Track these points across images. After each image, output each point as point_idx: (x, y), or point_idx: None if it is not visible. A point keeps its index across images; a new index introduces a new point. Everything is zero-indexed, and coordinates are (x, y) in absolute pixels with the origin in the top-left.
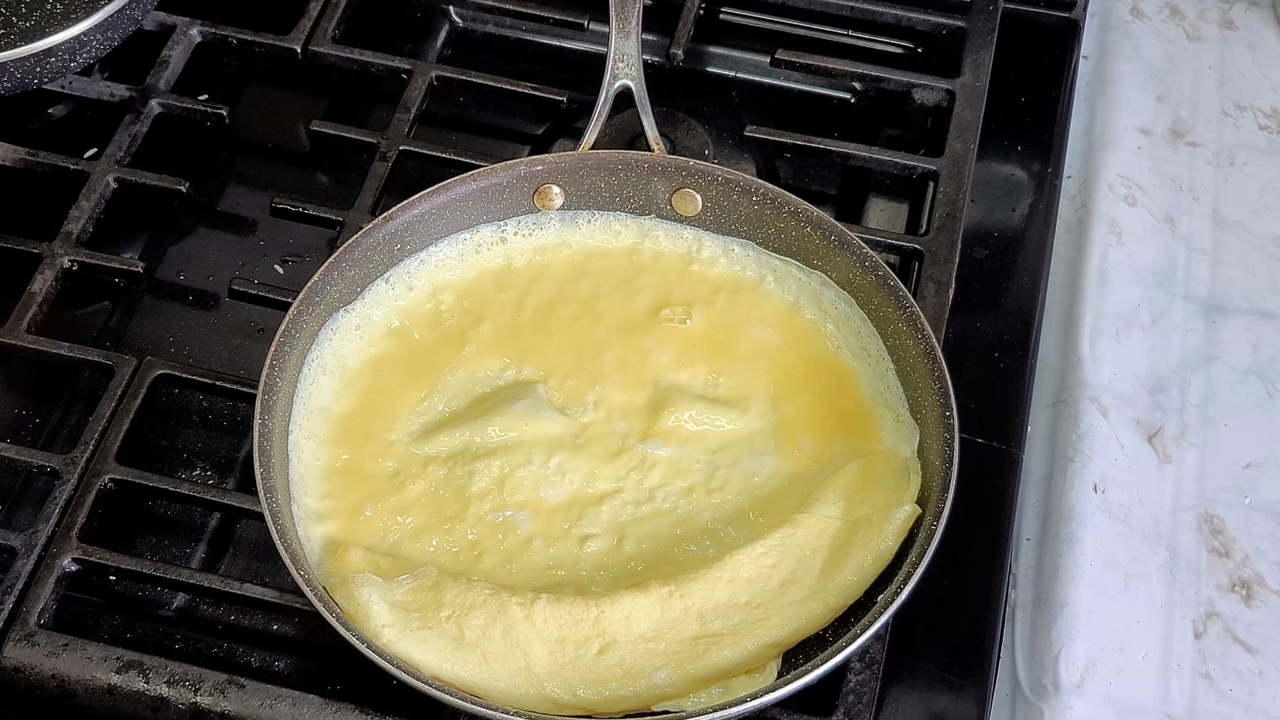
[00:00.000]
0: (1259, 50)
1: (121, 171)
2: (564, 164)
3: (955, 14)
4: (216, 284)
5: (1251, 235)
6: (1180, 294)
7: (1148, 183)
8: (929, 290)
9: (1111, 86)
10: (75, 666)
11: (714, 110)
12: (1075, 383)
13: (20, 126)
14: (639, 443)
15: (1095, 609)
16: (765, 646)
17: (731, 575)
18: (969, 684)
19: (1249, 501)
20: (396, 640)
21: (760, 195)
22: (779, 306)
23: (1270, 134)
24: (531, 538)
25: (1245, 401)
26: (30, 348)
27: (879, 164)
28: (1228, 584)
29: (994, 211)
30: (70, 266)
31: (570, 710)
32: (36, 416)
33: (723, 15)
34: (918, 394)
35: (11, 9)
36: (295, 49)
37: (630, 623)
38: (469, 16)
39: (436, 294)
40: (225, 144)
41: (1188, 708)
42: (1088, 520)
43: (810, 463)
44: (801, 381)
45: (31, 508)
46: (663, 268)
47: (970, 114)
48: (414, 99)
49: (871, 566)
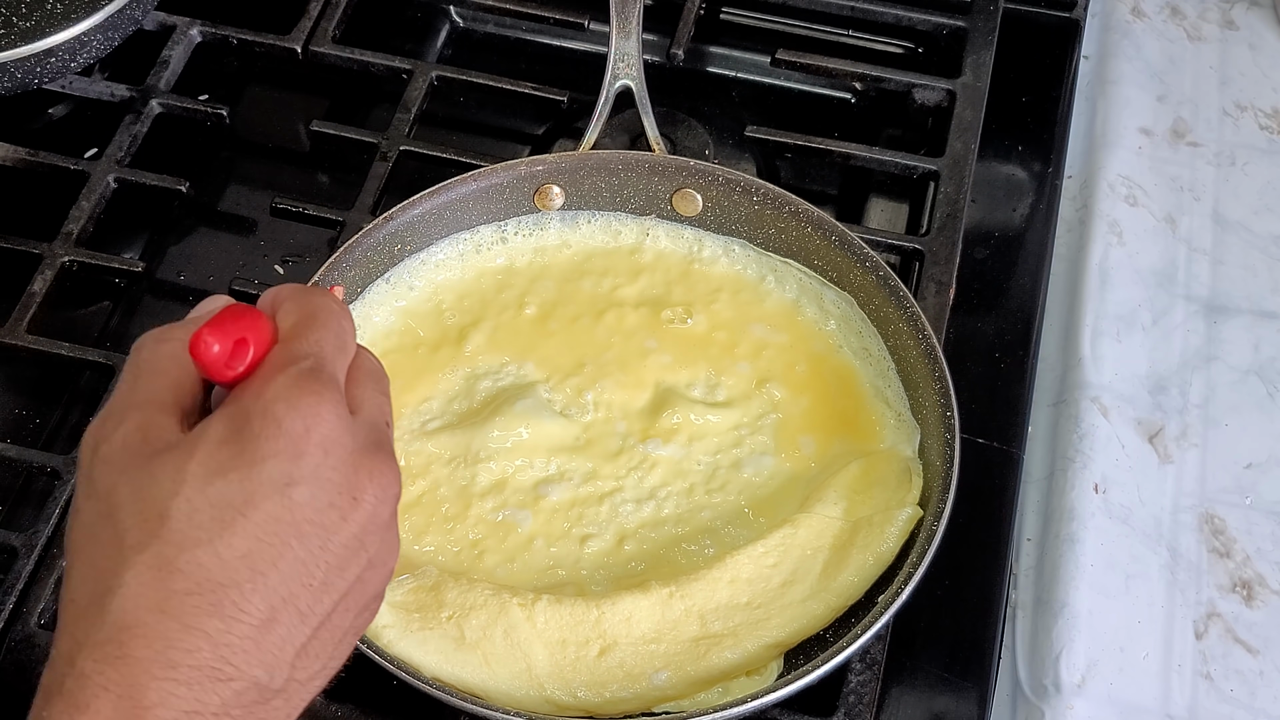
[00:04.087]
0: (1260, 50)
1: (121, 171)
2: (564, 164)
3: (956, 14)
4: (216, 284)
5: (1252, 235)
6: (1181, 294)
7: (1148, 183)
8: (930, 290)
9: (1112, 86)
10: None
11: (714, 110)
12: (1076, 383)
13: (20, 126)
14: (640, 443)
15: (1096, 609)
16: (766, 647)
17: (732, 575)
18: (970, 684)
19: (1250, 502)
20: (397, 641)
21: (761, 195)
22: (780, 306)
23: (1271, 134)
24: (532, 537)
25: (1246, 402)
26: (30, 348)
27: (879, 164)
28: (1228, 584)
29: (995, 211)
30: (70, 266)
31: (571, 711)
32: (36, 416)
33: (723, 15)
34: (918, 394)
35: (11, 9)
36: (295, 49)
37: (631, 624)
38: (469, 16)
39: (437, 294)
40: (225, 144)
41: (1188, 708)
42: (1088, 521)
43: (811, 463)
44: (802, 381)
45: (31, 508)
46: (663, 267)
47: (971, 114)
48: (414, 99)
49: (872, 567)
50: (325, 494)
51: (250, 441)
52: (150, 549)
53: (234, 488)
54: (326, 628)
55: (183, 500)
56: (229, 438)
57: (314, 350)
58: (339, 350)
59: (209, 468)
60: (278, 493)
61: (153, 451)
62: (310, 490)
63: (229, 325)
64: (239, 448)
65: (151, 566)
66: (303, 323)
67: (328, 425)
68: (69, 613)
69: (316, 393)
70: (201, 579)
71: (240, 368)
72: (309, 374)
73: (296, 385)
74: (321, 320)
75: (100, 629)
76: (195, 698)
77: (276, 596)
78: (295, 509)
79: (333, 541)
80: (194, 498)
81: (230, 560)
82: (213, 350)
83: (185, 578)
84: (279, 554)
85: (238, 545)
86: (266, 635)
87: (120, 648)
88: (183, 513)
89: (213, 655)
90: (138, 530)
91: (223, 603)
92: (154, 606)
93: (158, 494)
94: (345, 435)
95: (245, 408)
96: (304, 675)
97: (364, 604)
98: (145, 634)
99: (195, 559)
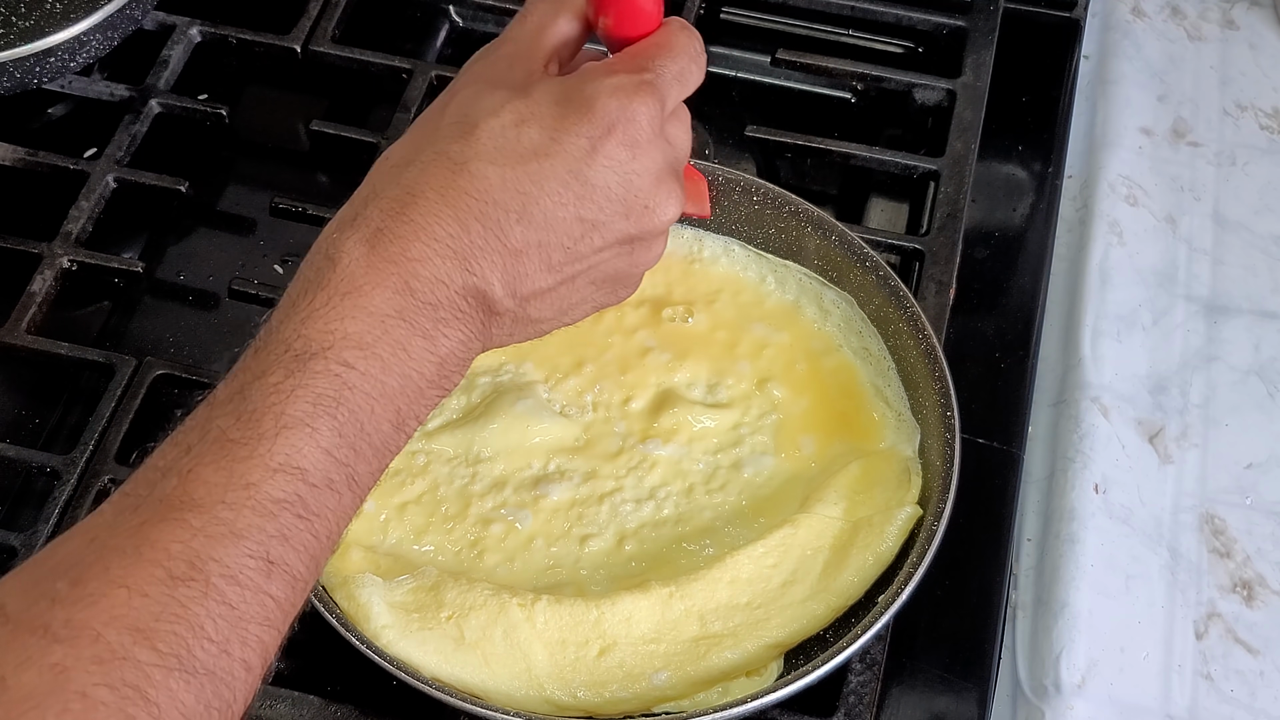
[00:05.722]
0: (1260, 50)
1: (121, 171)
2: None
3: (956, 14)
4: (216, 284)
5: (1253, 235)
6: (1181, 294)
7: (1149, 182)
8: (930, 290)
9: (1112, 86)
10: None
11: (714, 110)
12: (1076, 383)
13: (20, 126)
14: (639, 442)
15: (1096, 609)
16: (766, 647)
17: (732, 576)
18: (970, 684)
19: (1250, 502)
20: (396, 641)
21: (761, 195)
22: (780, 306)
23: (1271, 134)
24: (532, 537)
25: (1246, 402)
26: (30, 348)
27: (880, 164)
28: (1229, 584)
29: (995, 211)
30: (70, 267)
31: (570, 712)
32: (36, 416)
33: (723, 14)
34: (919, 394)
35: (11, 9)
36: (295, 49)
37: (630, 624)
38: (469, 16)
39: None
40: (225, 144)
41: (1189, 708)
42: (1089, 521)
43: (811, 463)
44: (802, 381)
45: (32, 508)
46: (664, 267)
47: (971, 114)
48: (414, 99)
49: (872, 567)
50: (619, 187)
51: (575, 111)
52: (454, 144)
53: (542, 138)
54: (567, 285)
55: (496, 123)
56: (561, 100)
57: (656, 69)
58: (676, 80)
59: (531, 112)
60: (578, 161)
61: (499, 79)
62: (608, 177)
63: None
64: (564, 110)
65: (447, 156)
66: (661, 44)
67: (643, 131)
68: (380, 167)
69: (645, 100)
70: (481, 188)
71: (624, 26)
72: (646, 84)
73: (633, 89)
74: (675, 52)
75: (394, 187)
76: (444, 271)
77: (535, 237)
78: (586, 181)
79: (609, 228)
80: (506, 127)
81: (510, 186)
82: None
83: (470, 179)
84: (555, 208)
85: (522, 182)
86: (513, 263)
87: (402, 206)
88: (492, 131)
89: (468, 246)
90: (452, 128)
91: (490, 215)
92: (438, 186)
93: (481, 109)
94: (655, 149)
95: (587, 82)
96: (533, 314)
97: (610, 282)
98: (423, 204)
99: (483, 170)
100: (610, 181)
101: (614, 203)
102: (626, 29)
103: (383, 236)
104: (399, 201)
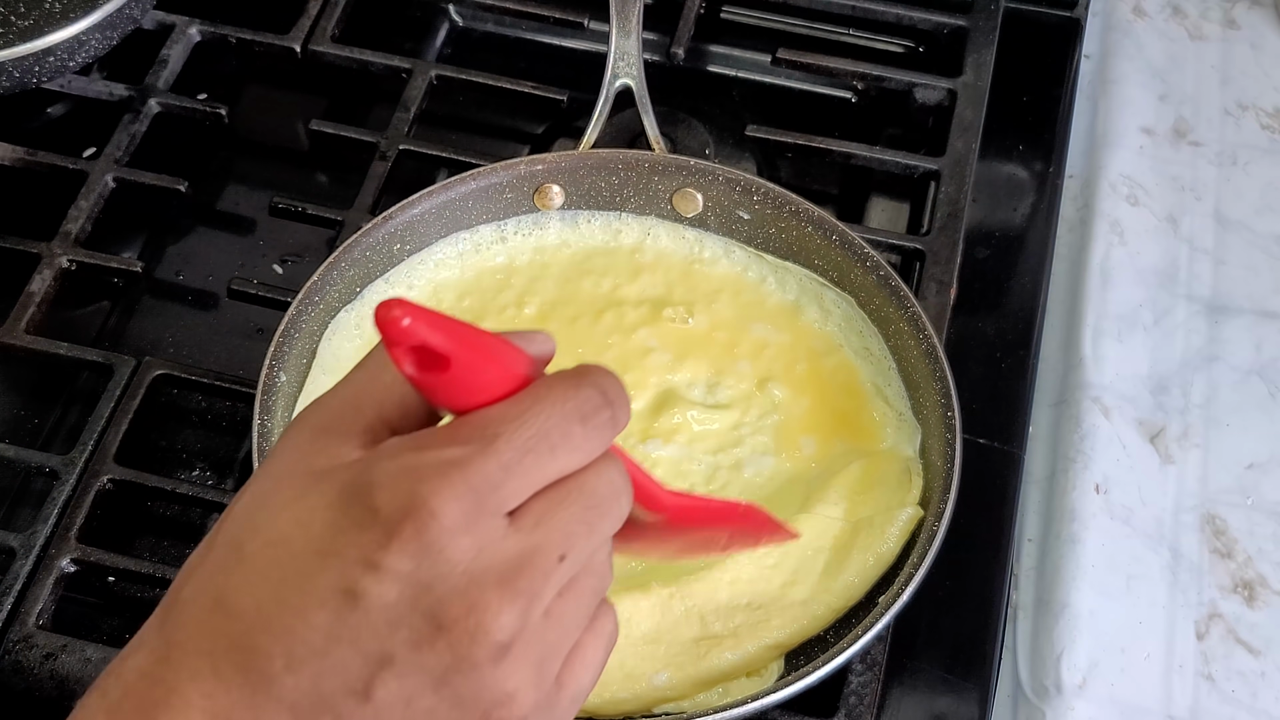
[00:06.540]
0: (1261, 50)
1: (120, 171)
2: (564, 163)
3: (957, 13)
4: (216, 284)
5: (1254, 235)
6: (1182, 294)
7: (1150, 182)
8: (931, 290)
9: (1113, 86)
10: (74, 668)
11: (715, 109)
12: (1077, 383)
13: (19, 126)
14: (640, 443)
15: (1097, 610)
16: (766, 648)
17: (732, 576)
18: (971, 685)
19: (1251, 502)
20: None
21: (761, 195)
22: (780, 306)
23: (1273, 133)
24: None
25: (1248, 402)
26: (29, 348)
27: (880, 163)
28: (1230, 585)
29: (996, 211)
30: (69, 266)
31: None
32: (35, 416)
33: (724, 14)
34: (919, 394)
35: (10, 8)
36: (294, 48)
37: (631, 625)
38: (469, 15)
39: (436, 294)
40: (224, 143)
41: (1190, 709)
42: (1090, 521)
43: (812, 463)
44: (803, 382)
45: (30, 508)
46: (664, 267)
47: (972, 113)
48: (414, 98)
49: (873, 568)
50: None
51: (354, 509)
52: (218, 575)
53: (308, 552)
54: None
55: (259, 541)
56: (343, 494)
57: (487, 439)
58: (527, 452)
59: (303, 520)
60: (350, 579)
61: (301, 457)
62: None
63: (448, 324)
64: (342, 510)
65: (209, 591)
66: (515, 403)
67: (444, 530)
68: (180, 576)
69: (445, 487)
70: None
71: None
72: (452, 464)
73: (431, 472)
74: (530, 413)
75: (158, 632)
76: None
77: (307, 686)
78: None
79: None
80: (274, 544)
81: (275, 623)
82: (400, 323)
83: (226, 618)
84: (325, 643)
85: (284, 615)
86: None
87: (155, 662)
88: (255, 556)
89: (227, 708)
90: (223, 551)
91: (252, 665)
92: (195, 631)
93: (254, 524)
94: (466, 547)
95: (374, 463)
96: None
97: None
98: (178, 658)
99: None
100: (389, 598)
101: (399, 626)
102: (457, 394)
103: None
104: (155, 655)
